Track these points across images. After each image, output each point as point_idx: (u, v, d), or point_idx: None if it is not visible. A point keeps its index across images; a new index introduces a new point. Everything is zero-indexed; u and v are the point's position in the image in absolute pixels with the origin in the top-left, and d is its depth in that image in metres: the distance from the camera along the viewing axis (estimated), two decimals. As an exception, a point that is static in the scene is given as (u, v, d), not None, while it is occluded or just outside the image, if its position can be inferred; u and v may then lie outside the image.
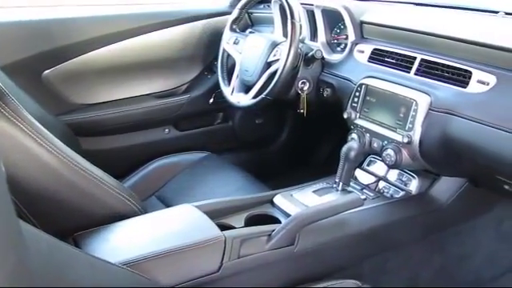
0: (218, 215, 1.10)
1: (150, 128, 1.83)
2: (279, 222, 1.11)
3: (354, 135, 1.34)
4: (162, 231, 1.00)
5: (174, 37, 1.81)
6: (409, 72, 1.27)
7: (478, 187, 1.36)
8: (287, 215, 1.10)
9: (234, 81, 1.64)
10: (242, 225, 1.10)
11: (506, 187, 1.15)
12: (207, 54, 1.89)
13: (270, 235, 1.03)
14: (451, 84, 1.17)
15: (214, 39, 1.83)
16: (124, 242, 0.96)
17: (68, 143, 0.97)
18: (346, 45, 1.51)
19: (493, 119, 1.06)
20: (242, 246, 0.99)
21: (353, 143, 1.25)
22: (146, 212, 1.09)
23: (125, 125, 1.74)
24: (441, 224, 1.39)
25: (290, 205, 1.17)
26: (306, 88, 1.52)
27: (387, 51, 1.36)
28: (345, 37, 1.54)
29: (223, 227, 1.01)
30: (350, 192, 1.26)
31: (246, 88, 1.60)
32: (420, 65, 1.26)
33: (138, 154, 1.73)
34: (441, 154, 1.20)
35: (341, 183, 1.25)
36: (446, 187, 1.35)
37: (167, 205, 1.43)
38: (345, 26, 1.52)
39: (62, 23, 1.61)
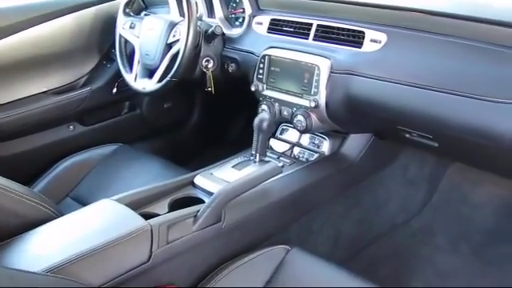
0: (140, 205, 1.07)
1: (53, 127, 1.72)
2: (203, 201, 1.11)
3: (263, 106, 1.37)
4: (84, 230, 0.95)
5: (64, 28, 1.70)
6: (307, 38, 1.31)
7: (383, 140, 1.46)
8: (210, 194, 1.11)
9: (136, 66, 1.59)
10: (167, 211, 1.08)
11: (407, 136, 1.25)
12: (103, 42, 1.81)
13: (195, 216, 1.03)
14: (347, 46, 1.23)
15: (108, 26, 1.75)
16: (44, 248, 0.91)
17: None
18: (243, 18, 1.52)
19: (387, 74, 1.13)
20: (170, 232, 0.98)
21: (264, 114, 1.28)
22: (62, 214, 1.04)
23: (24, 127, 1.62)
24: (354, 179, 1.48)
25: (211, 183, 1.18)
26: (210, 66, 1.52)
27: (284, 20, 1.39)
28: (242, 10, 1.55)
29: (147, 216, 0.99)
30: (267, 162, 1.29)
31: (150, 72, 1.56)
32: (317, 30, 1.30)
33: (43, 156, 1.63)
34: (346, 114, 1.26)
35: (257, 155, 1.28)
36: (355, 144, 1.43)
37: (84, 204, 1.37)
38: (240, 0, 1.52)
39: None
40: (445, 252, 1.58)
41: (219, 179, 1.21)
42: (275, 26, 1.41)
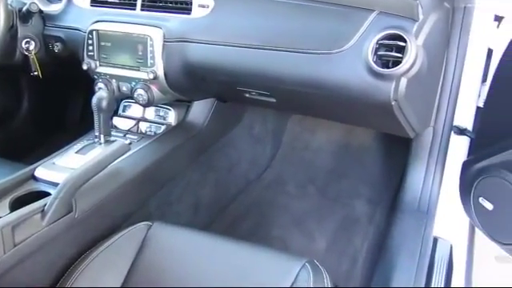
0: (-27, 211, 0.96)
1: None
2: (49, 194, 1.04)
3: (100, 84, 1.31)
4: None
5: None
6: (135, 9, 1.27)
7: (226, 102, 1.51)
8: (55, 185, 1.03)
9: None
10: (8, 211, 0.98)
11: (247, 95, 1.30)
12: None
13: (43, 211, 0.96)
14: (177, 13, 1.23)
15: None
16: None
17: None
18: (62, -8, 1.40)
19: (218, 38, 1.16)
20: (16, 233, 0.90)
21: (101, 92, 1.22)
22: None
23: None
24: (205, 144, 1.51)
25: (54, 173, 1.10)
26: (32, 47, 1.38)
27: (107, -8, 1.32)
28: (58, -16, 1.43)
29: (-15, 222, 0.89)
30: (113, 141, 1.25)
31: (-41, 62, 1.37)
32: (143, 0, 1.26)
33: None
34: (186, 81, 1.27)
35: (102, 135, 1.22)
36: (200, 110, 1.46)
37: None
38: (54, -28, 1.40)
39: None
40: (296, 197, 1.72)
41: (63, 168, 1.13)
42: (98, -1, 1.33)
